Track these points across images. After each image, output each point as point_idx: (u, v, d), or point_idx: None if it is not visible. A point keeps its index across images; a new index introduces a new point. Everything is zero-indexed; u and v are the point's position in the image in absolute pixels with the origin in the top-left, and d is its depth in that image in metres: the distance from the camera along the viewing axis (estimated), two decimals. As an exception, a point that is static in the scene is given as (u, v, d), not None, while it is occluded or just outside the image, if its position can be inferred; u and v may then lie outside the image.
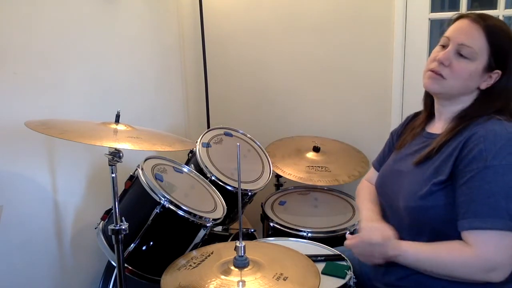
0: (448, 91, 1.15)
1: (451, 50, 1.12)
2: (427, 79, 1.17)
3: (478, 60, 1.10)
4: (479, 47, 1.09)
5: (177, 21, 2.37)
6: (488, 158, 1.02)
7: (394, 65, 2.20)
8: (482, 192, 1.02)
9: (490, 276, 1.01)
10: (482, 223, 1.01)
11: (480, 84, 1.13)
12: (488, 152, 1.02)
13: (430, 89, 1.18)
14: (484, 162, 1.02)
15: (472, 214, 1.02)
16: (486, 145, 1.03)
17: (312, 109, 2.40)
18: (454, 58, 1.12)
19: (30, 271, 1.46)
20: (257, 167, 1.85)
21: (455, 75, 1.12)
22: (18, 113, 1.34)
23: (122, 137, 1.20)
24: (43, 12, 1.44)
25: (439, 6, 2.24)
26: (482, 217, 1.01)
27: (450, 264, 1.06)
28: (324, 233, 1.73)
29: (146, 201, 1.33)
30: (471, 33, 1.10)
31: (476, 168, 1.03)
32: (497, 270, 1.01)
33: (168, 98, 2.31)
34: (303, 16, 2.30)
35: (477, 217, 1.02)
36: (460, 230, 1.05)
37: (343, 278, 1.24)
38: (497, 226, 1.00)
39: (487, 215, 1.01)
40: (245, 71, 2.46)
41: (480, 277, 1.03)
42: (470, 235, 1.03)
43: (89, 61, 1.66)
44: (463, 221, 1.04)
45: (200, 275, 1.06)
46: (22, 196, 1.41)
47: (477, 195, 1.02)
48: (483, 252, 1.01)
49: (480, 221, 1.01)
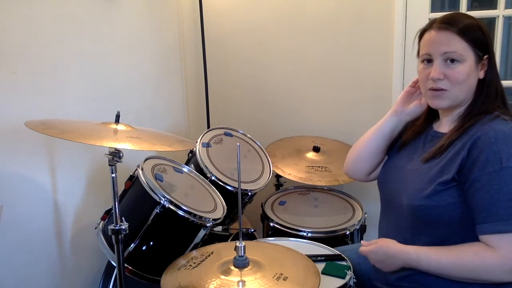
0: (456, 99, 1.15)
1: (439, 62, 1.13)
2: (431, 100, 1.17)
3: (467, 59, 1.11)
4: (461, 48, 1.11)
5: (177, 21, 2.37)
6: (503, 159, 1.02)
7: (394, 65, 2.20)
8: (502, 195, 1.02)
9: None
10: (506, 226, 1.01)
11: (479, 75, 1.14)
12: (502, 153, 1.02)
13: (440, 106, 1.18)
14: (500, 164, 1.02)
15: (495, 218, 1.02)
16: (499, 146, 1.03)
17: (312, 109, 2.40)
18: (446, 68, 1.12)
19: (30, 271, 1.46)
20: (257, 167, 1.84)
21: (455, 82, 1.12)
22: (18, 113, 1.34)
23: (122, 137, 1.20)
24: (43, 12, 1.43)
25: (439, 6, 2.24)
26: (505, 219, 1.01)
27: (473, 268, 1.06)
28: (324, 233, 1.73)
29: (146, 201, 1.33)
30: (447, 40, 1.11)
31: (492, 171, 1.03)
32: None
33: (168, 98, 2.31)
34: (303, 16, 2.30)
35: (500, 221, 1.02)
36: (481, 234, 1.05)
37: (343, 278, 1.24)
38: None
39: (510, 218, 1.01)
40: (245, 71, 2.46)
41: (505, 279, 1.03)
42: (493, 239, 1.03)
43: (89, 61, 1.66)
44: (485, 225, 1.04)
45: (200, 275, 1.06)
46: (22, 196, 1.41)
47: (497, 198, 1.02)
48: (508, 254, 1.01)
49: (503, 224, 1.01)
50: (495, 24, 2.07)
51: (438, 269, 1.10)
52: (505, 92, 1.18)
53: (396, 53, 2.18)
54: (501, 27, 2.05)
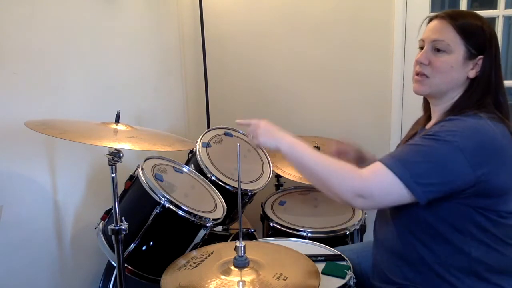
0: (436, 89, 1.17)
1: (427, 49, 1.16)
2: (414, 84, 1.21)
3: (455, 51, 1.12)
4: (451, 39, 1.12)
5: (177, 21, 2.37)
6: (439, 132, 1.05)
7: (394, 65, 2.20)
8: (414, 147, 1.06)
9: (354, 200, 1.05)
10: (391, 163, 1.04)
11: (468, 73, 1.14)
12: (444, 127, 1.06)
13: (419, 91, 1.20)
14: (432, 131, 1.06)
15: (393, 154, 1.07)
16: (446, 124, 1.07)
17: (312, 109, 2.40)
18: (432, 55, 1.15)
19: (30, 271, 1.46)
20: (257, 167, 1.84)
21: (437, 71, 1.14)
22: (18, 113, 1.34)
23: (122, 137, 1.20)
24: (43, 12, 1.43)
25: (439, 6, 2.24)
26: (396, 159, 1.04)
27: (329, 166, 1.10)
28: (324, 233, 1.73)
29: (146, 201, 1.33)
30: (441, 29, 1.15)
31: (426, 134, 1.07)
32: (363, 199, 1.04)
33: (168, 98, 2.31)
34: (303, 16, 2.30)
35: (393, 158, 1.05)
36: None
37: (343, 278, 1.24)
38: (399, 173, 1.02)
39: (401, 162, 1.03)
40: (245, 71, 2.46)
41: (346, 194, 1.05)
42: (374, 164, 1.07)
43: (89, 61, 1.66)
44: (383, 156, 1.08)
45: (200, 275, 1.06)
46: (22, 196, 1.41)
47: (410, 148, 1.07)
48: (369, 178, 1.05)
49: (391, 161, 1.04)
50: (495, 24, 2.07)
51: (307, 158, 1.14)
52: (504, 95, 1.15)
53: (396, 53, 2.18)
54: (501, 27, 2.05)
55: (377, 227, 1.32)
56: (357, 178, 1.05)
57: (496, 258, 1.09)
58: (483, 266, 1.09)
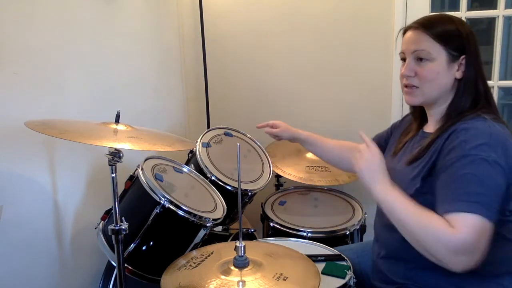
0: (428, 97, 1.18)
1: (410, 60, 1.18)
2: (405, 96, 1.23)
3: (437, 58, 1.14)
4: (430, 47, 1.14)
5: (177, 21, 2.37)
6: (467, 148, 1.03)
7: (394, 65, 2.20)
8: (458, 178, 1.02)
9: (457, 259, 0.97)
10: (468, 206, 0.98)
11: (455, 75, 1.15)
12: (468, 143, 1.04)
13: (412, 103, 1.22)
14: (463, 151, 1.03)
15: (455, 197, 1.01)
16: (467, 137, 1.05)
17: (312, 109, 2.40)
18: (416, 66, 1.17)
19: (30, 271, 1.46)
20: (257, 167, 1.84)
21: (425, 80, 1.16)
22: (18, 113, 1.34)
23: (122, 137, 1.20)
24: (43, 12, 1.43)
25: (439, 6, 2.25)
26: (463, 201, 1.00)
27: (430, 230, 1.00)
28: (324, 233, 1.73)
29: (146, 201, 1.33)
30: (418, 39, 1.16)
31: (455, 157, 1.04)
32: (467, 255, 0.97)
33: (168, 98, 2.31)
34: (303, 16, 2.30)
35: (461, 201, 1.00)
36: (441, 213, 1.02)
37: (343, 278, 1.24)
38: (477, 211, 0.97)
39: (467, 200, 0.99)
40: (245, 71, 2.46)
41: (446, 256, 0.98)
42: (452, 217, 1.00)
43: (89, 61, 1.66)
44: (445, 204, 1.02)
45: (200, 275, 1.06)
46: (22, 196, 1.41)
47: (456, 179, 1.02)
48: (464, 233, 0.96)
49: (466, 204, 0.99)
50: (495, 24, 2.07)
51: (390, 208, 1.08)
52: (490, 91, 1.18)
53: (396, 53, 2.17)
54: (501, 27, 2.05)
55: (377, 227, 1.32)
56: (454, 237, 0.97)
57: (497, 256, 1.09)
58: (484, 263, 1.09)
